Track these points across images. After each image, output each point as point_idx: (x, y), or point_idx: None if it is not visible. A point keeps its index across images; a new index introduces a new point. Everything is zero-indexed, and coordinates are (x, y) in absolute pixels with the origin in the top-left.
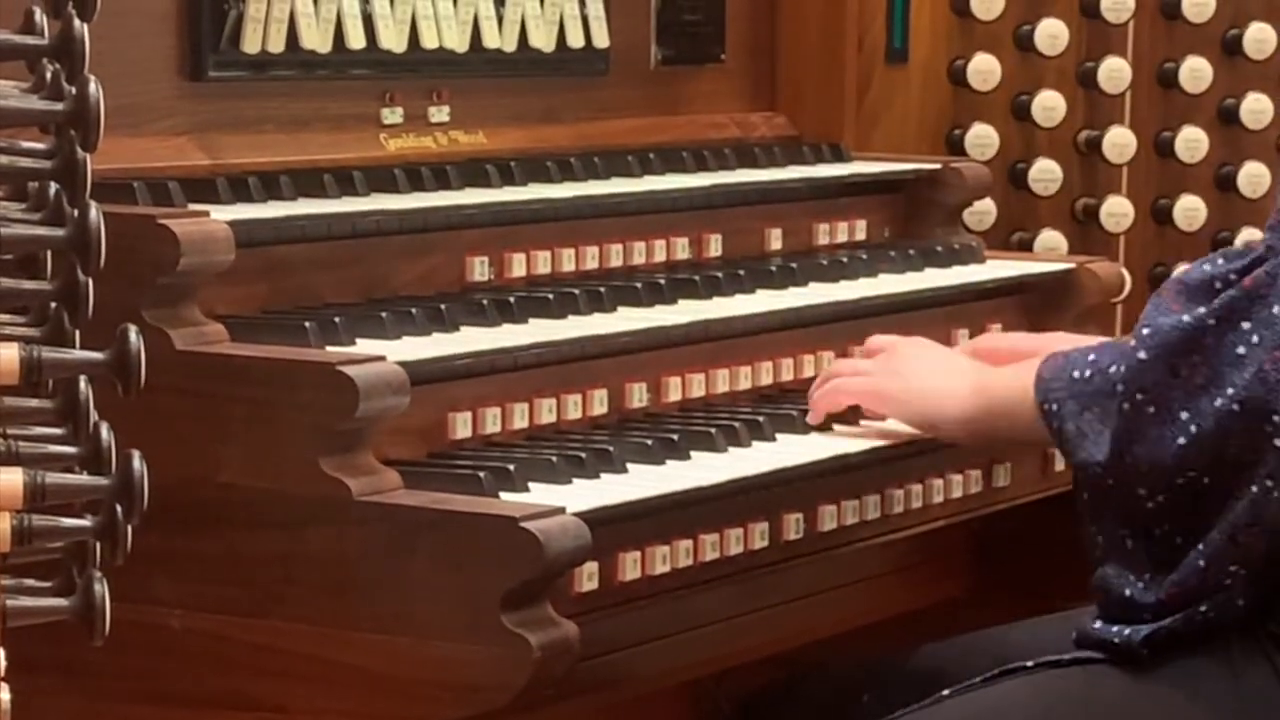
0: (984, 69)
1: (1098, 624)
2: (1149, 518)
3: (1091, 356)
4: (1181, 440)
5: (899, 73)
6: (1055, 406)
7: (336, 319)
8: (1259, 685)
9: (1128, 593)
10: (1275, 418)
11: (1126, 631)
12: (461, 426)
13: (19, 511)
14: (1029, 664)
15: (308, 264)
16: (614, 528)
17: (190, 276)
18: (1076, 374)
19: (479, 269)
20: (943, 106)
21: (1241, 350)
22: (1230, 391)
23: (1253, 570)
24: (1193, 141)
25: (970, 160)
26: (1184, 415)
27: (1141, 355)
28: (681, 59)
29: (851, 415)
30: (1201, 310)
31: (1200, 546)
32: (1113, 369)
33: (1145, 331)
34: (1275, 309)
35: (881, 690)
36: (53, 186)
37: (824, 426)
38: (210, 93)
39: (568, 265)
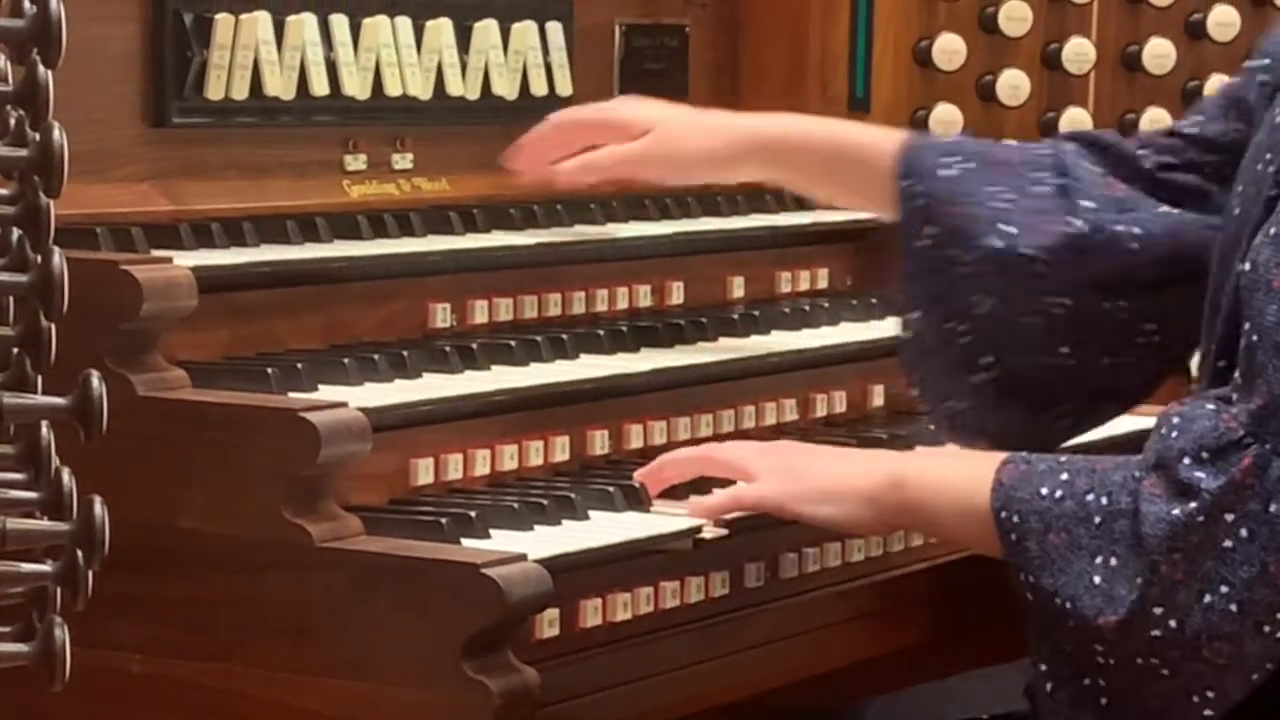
0: (946, 119)
1: (1049, 686)
2: (1099, 671)
3: (1065, 477)
4: (1155, 632)
5: (861, 121)
6: (1016, 519)
7: (299, 365)
8: None
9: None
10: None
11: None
12: (424, 473)
13: None
14: (984, 718)
15: (270, 310)
16: (575, 575)
17: (153, 322)
18: (1045, 491)
19: (442, 316)
20: None
21: (1229, 544)
22: (1225, 590)
23: None
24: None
25: None
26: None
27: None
28: None
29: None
30: (1193, 505)
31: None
32: (1090, 497)
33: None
34: (1273, 507)
35: None
36: (16, 232)
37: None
38: (174, 139)
39: (530, 312)
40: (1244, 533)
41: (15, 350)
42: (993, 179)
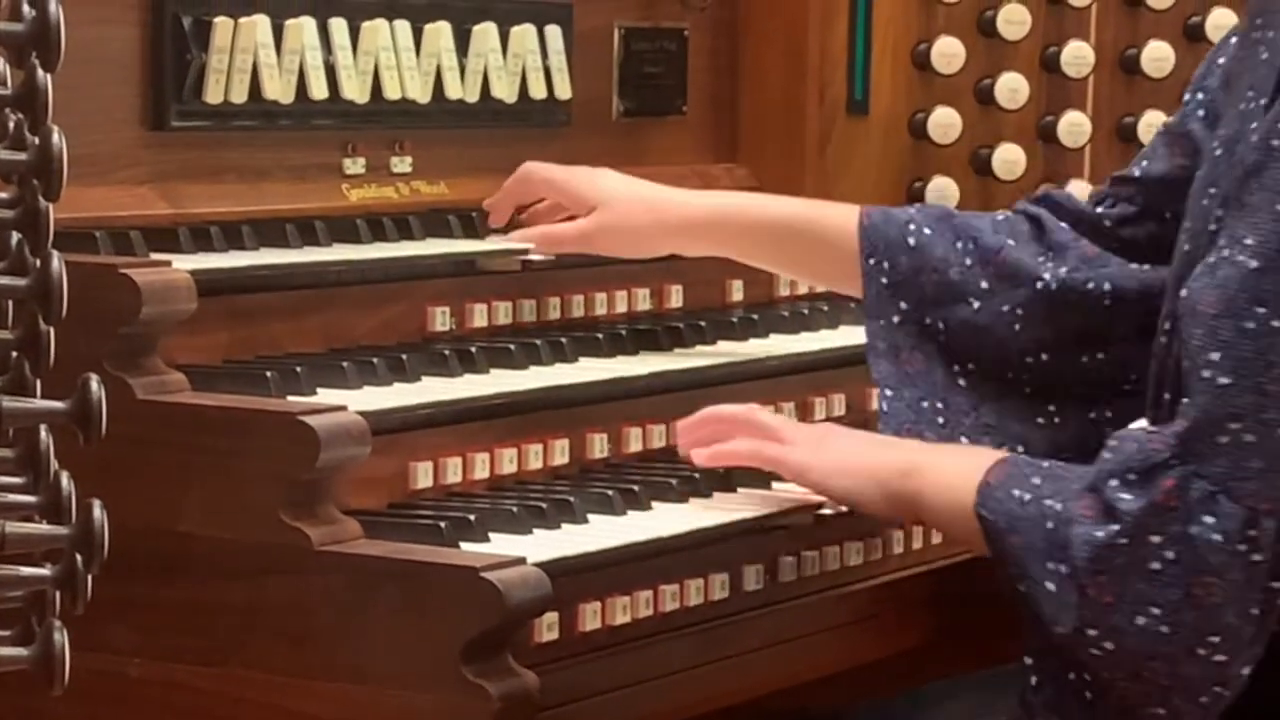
0: (945, 122)
1: (1034, 679)
2: (1082, 666)
3: (1036, 480)
4: (1095, 651)
5: (860, 125)
6: (991, 518)
7: (298, 369)
8: None
9: None
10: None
11: None
12: (422, 476)
13: None
14: None
15: (269, 314)
16: (574, 578)
17: (151, 326)
18: (1017, 493)
19: (440, 319)
20: (903, 159)
21: (1156, 566)
22: (1155, 612)
23: None
24: None
25: None
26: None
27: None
28: (643, 111)
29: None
30: (1115, 528)
31: None
32: (1049, 502)
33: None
34: (1193, 529)
35: None
36: (15, 236)
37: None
38: (173, 142)
39: (529, 316)
40: (1170, 554)
41: (14, 354)
42: (962, 241)
